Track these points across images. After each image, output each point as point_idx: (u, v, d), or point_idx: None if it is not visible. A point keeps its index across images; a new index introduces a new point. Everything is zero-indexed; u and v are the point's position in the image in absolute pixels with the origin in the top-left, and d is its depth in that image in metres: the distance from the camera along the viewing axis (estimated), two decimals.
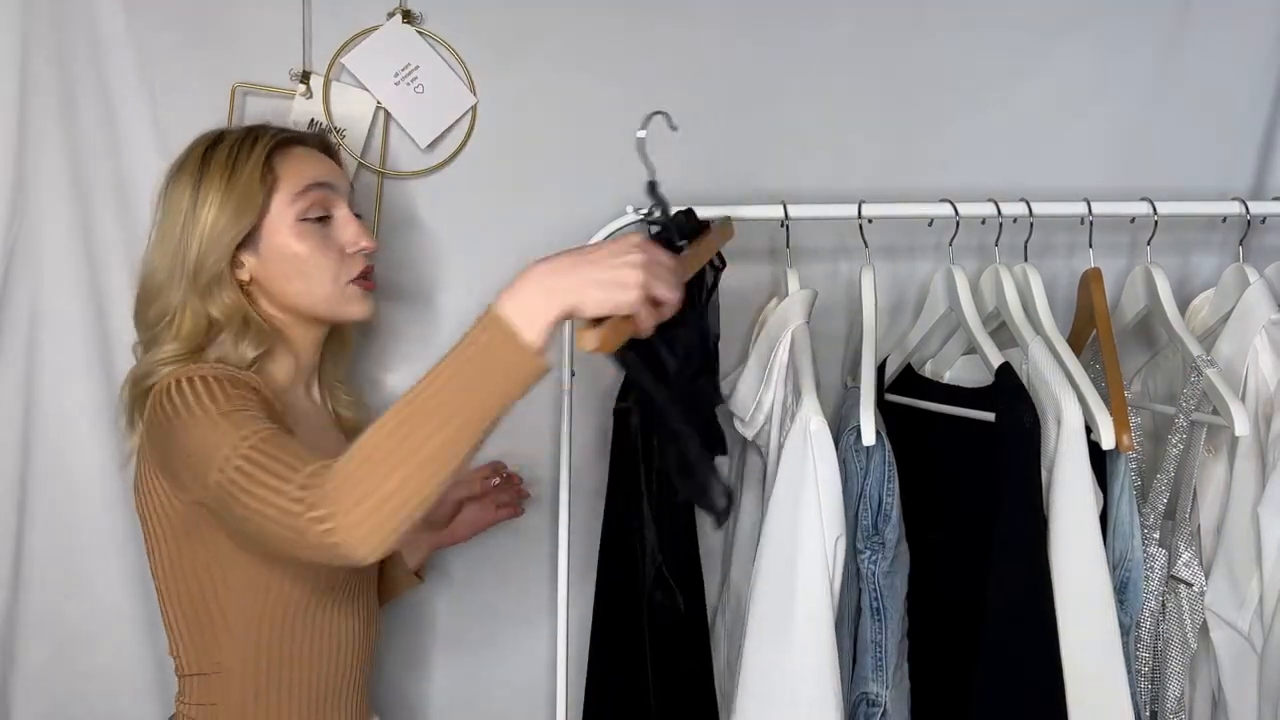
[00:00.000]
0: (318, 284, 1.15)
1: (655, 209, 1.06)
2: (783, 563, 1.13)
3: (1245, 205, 1.32)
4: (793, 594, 1.12)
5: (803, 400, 1.15)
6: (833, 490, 1.12)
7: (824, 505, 1.12)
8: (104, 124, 1.40)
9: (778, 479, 1.15)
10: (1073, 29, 1.51)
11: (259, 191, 1.12)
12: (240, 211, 1.12)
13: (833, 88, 1.50)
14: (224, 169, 1.13)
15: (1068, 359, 1.21)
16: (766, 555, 1.15)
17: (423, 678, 1.49)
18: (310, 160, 1.19)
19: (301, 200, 1.15)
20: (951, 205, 1.29)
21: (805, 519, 1.12)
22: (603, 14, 1.47)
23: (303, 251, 1.14)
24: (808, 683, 1.11)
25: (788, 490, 1.14)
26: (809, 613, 1.11)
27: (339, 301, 1.17)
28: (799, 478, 1.13)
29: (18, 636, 1.43)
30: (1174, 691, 1.27)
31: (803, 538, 1.12)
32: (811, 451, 1.12)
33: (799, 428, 1.13)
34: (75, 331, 1.41)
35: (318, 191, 1.16)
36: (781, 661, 1.12)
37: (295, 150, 1.18)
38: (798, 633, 1.11)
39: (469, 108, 1.46)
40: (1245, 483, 1.24)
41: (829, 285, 1.46)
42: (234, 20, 1.42)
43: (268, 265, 1.15)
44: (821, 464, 1.12)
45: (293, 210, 1.14)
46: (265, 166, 1.14)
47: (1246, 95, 1.52)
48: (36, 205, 1.40)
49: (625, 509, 1.22)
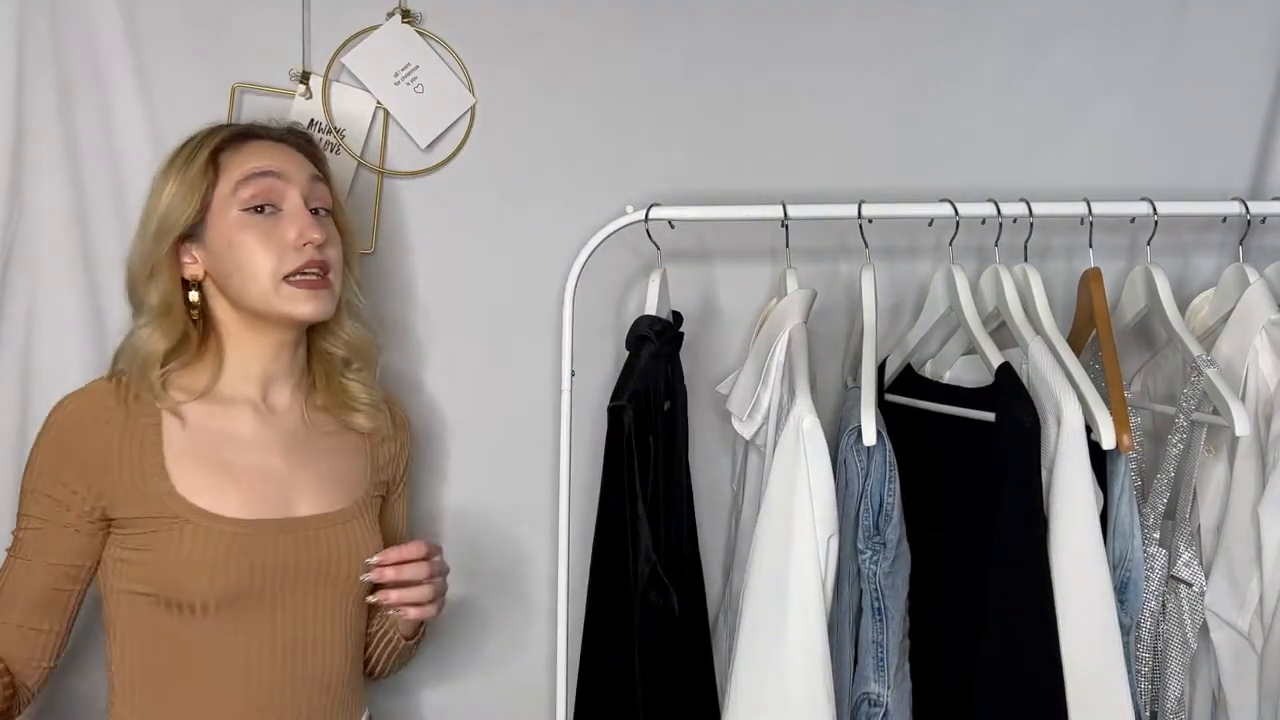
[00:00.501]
0: (252, 279, 1.11)
1: None
2: (775, 562, 1.13)
3: (1245, 205, 1.31)
4: (785, 593, 1.11)
5: (796, 399, 1.15)
6: (825, 489, 1.12)
7: (816, 504, 1.12)
8: (101, 123, 1.39)
9: (770, 478, 1.15)
10: (1073, 29, 1.51)
11: (201, 182, 1.12)
12: (184, 200, 1.12)
13: (833, 87, 1.50)
14: (181, 160, 1.14)
15: (1068, 359, 1.21)
16: (759, 554, 1.15)
17: (421, 679, 1.49)
18: (263, 151, 1.15)
19: (244, 189, 1.12)
20: (951, 205, 1.29)
21: (798, 518, 1.12)
22: (603, 14, 1.47)
23: (239, 243, 1.11)
24: (800, 682, 1.11)
25: (780, 489, 1.13)
26: (801, 612, 1.11)
27: (276, 299, 1.12)
28: (791, 476, 1.12)
29: None
30: (1174, 691, 1.27)
31: (795, 536, 1.12)
32: (804, 450, 1.12)
33: (792, 426, 1.13)
34: (72, 330, 1.40)
35: (261, 180, 1.12)
36: (774, 661, 1.12)
37: (251, 144, 1.16)
38: (790, 632, 1.11)
39: (468, 108, 1.46)
40: (1245, 483, 1.24)
41: (829, 285, 1.46)
42: (233, 20, 1.42)
43: (212, 259, 1.14)
44: (814, 463, 1.12)
45: (235, 200, 1.12)
46: (211, 157, 1.13)
47: (1246, 95, 1.52)
48: (33, 204, 1.39)
49: (619, 508, 1.22)
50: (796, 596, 1.11)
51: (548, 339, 1.45)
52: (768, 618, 1.13)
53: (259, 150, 1.16)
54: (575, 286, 1.25)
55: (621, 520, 1.19)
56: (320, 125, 1.43)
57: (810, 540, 1.11)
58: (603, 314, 1.40)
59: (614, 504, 1.22)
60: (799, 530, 1.12)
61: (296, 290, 1.12)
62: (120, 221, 1.40)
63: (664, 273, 1.34)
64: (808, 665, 1.11)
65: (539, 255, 1.47)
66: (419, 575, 1.13)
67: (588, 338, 1.38)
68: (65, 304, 1.40)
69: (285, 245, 1.12)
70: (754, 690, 1.13)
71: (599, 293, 1.41)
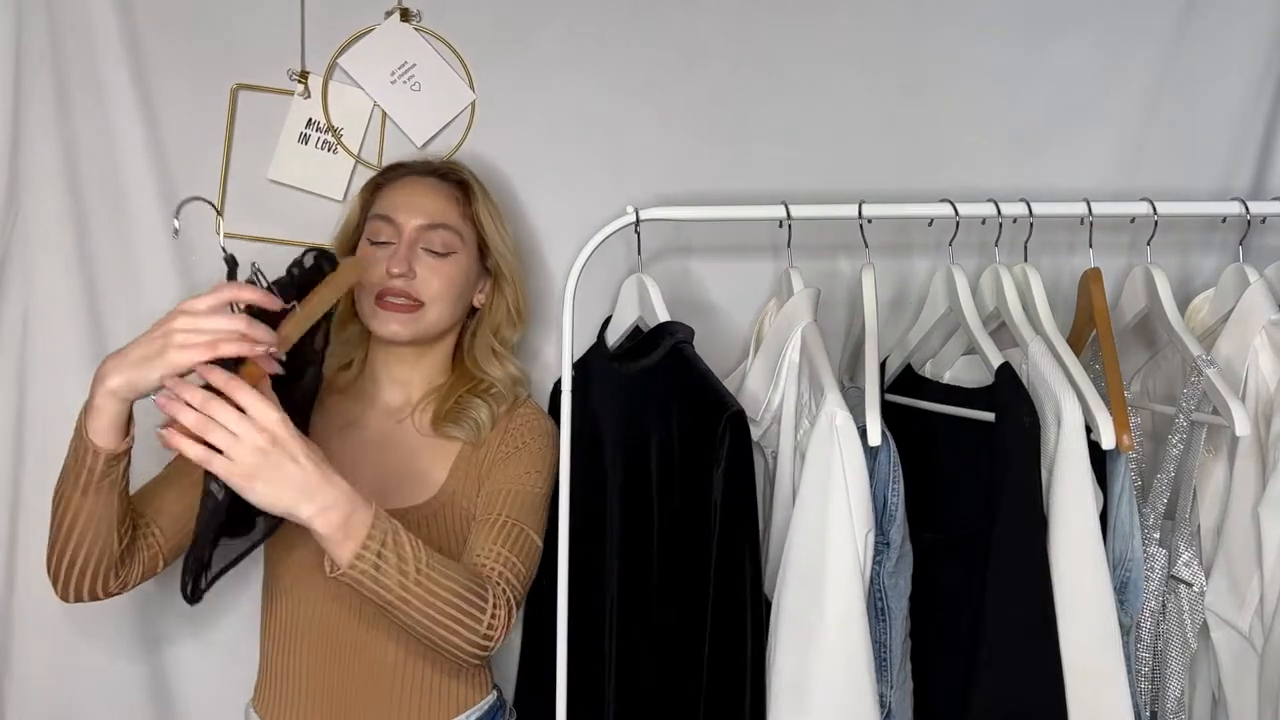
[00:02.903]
0: (365, 295, 1.26)
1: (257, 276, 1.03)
2: (812, 558, 1.11)
3: (1245, 205, 1.31)
4: (823, 589, 1.10)
5: (826, 395, 1.14)
6: (861, 484, 1.11)
7: (854, 500, 1.11)
8: (99, 124, 1.39)
9: (804, 478, 1.13)
10: (1073, 29, 1.51)
11: (358, 212, 1.32)
12: (346, 222, 1.33)
13: (834, 87, 1.50)
14: (360, 189, 1.36)
15: (1068, 359, 1.20)
16: (795, 551, 1.13)
17: None
18: (399, 190, 1.30)
19: (368, 226, 1.29)
20: (951, 205, 1.28)
21: (835, 515, 1.11)
22: (603, 10, 1.47)
23: (366, 265, 1.24)
24: (842, 678, 1.10)
25: (815, 487, 1.12)
26: (843, 610, 1.10)
27: (369, 314, 1.26)
28: (826, 473, 1.11)
29: (12, 640, 1.42)
30: (1174, 691, 1.27)
31: (832, 532, 1.10)
32: (839, 446, 1.11)
33: (824, 422, 1.12)
34: (69, 331, 1.40)
35: (375, 222, 1.28)
36: (814, 658, 1.10)
37: (396, 183, 1.31)
38: (830, 628, 1.10)
39: (467, 104, 1.46)
40: (1245, 483, 1.24)
41: (826, 282, 1.45)
42: (231, 20, 1.41)
43: None
44: (849, 458, 1.11)
45: (367, 231, 1.29)
46: (373, 189, 1.32)
47: (1246, 95, 1.52)
48: (30, 205, 1.39)
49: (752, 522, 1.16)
50: (835, 594, 1.10)
51: (548, 339, 1.45)
52: (807, 617, 1.11)
53: (396, 188, 1.30)
54: (575, 286, 1.24)
55: (753, 534, 1.15)
56: (319, 125, 1.43)
57: (849, 536, 1.10)
58: (602, 314, 1.40)
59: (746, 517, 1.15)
60: (836, 527, 1.10)
61: (381, 310, 1.25)
62: (117, 224, 1.39)
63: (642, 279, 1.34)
64: (851, 662, 1.10)
65: (538, 255, 1.47)
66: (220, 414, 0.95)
67: (588, 338, 1.37)
68: (62, 304, 1.40)
69: (382, 273, 1.25)
70: (795, 690, 1.11)
71: (599, 293, 1.41)
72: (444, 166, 1.34)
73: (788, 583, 1.13)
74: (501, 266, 1.33)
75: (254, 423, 0.94)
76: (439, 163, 1.35)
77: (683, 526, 1.19)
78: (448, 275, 1.27)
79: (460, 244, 1.28)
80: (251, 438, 0.94)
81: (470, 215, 1.30)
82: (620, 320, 1.37)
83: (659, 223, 1.27)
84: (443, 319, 1.28)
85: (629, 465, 1.27)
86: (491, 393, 1.30)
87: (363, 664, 1.20)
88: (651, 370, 1.25)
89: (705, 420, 1.14)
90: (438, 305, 1.26)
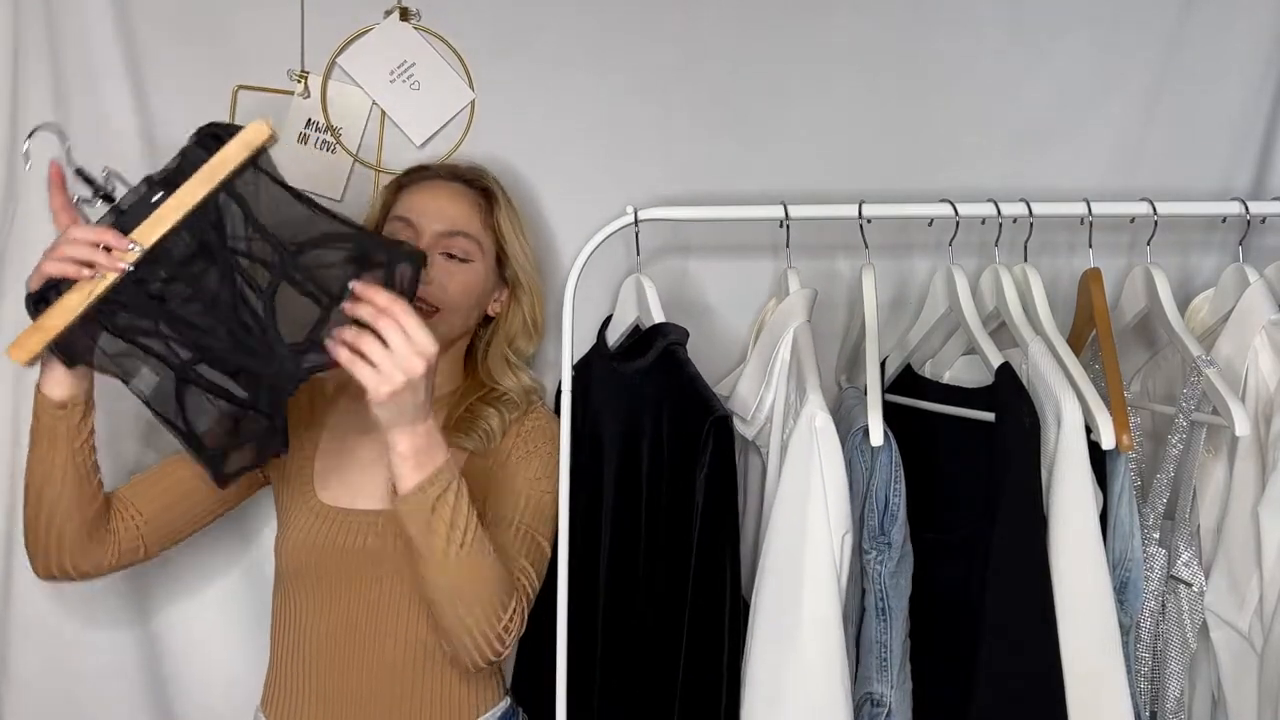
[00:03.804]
0: None
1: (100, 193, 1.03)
2: (789, 560, 1.12)
3: (1245, 205, 1.31)
4: (799, 592, 1.11)
5: (808, 397, 1.14)
6: (839, 486, 1.12)
7: (831, 502, 1.11)
8: (96, 123, 1.39)
9: (782, 476, 1.14)
10: (1073, 29, 1.51)
11: (379, 212, 1.32)
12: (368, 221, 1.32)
13: (833, 87, 1.50)
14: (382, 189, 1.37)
15: (1067, 359, 1.20)
16: (773, 553, 1.13)
17: None
18: (420, 192, 1.29)
19: (387, 226, 1.29)
20: (951, 205, 1.28)
21: (812, 516, 1.11)
22: (602, 10, 1.47)
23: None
24: (817, 681, 1.10)
25: (793, 487, 1.13)
26: (817, 610, 1.10)
27: None
28: (805, 474, 1.12)
29: (10, 643, 1.42)
30: (1174, 691, 1.27)
31: (810, 535, 1.11)
32: (818, 448, 1.11)
33: (804, 424, 1.13)
34: None
35: (395, 223, 1.27)
36: (789, 660, 1.11)
37: (417, 185, 1.30)
38: (806, 631, 1.10)
39: (467, 103, 1.46)
40: (1245, 483, 1.24)
41: (825, 282, 1.46)
42: (231, 20, 1.41)
43: None
44: (828, 460, 1.11)
45: (386, 232, 1.28)
46: (395, 190, 1.32)
47: (1246, 95, 1.52)
48: (28, 205, 1.39)
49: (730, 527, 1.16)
50: (811, 595, 1.10)
51: (548, 338, 1.45)
52: (782, 616, 1.12)
53: (418, 191, 1.30)
54: (575, 286, 1.24)
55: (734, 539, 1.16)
56: (318, 125, 1.43)
57: (825, 538, 1.11)
58: (603, 314, 1.40)
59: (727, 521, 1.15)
60: (814, 528, 1.11)
61: None
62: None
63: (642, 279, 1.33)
64: (825, 663, 1.10)
65: (538, 254, 1.46)
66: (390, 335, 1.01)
67: (588, 338, 1.37)
68: None
69: None
70: (770, 689, 1.12)
71: (599, 293, 1.41)
72: (469, 172, 1.33)
73: (765, 584, 1.14)
74: (520, 277, 1.33)
75: (414, 346, 0.99)
76: (465, 168, 1.34)
77: (668, 528, 1.19)
78: (464, 282, 1.27)
79: (479, 252, 1.28)
80: (410, 361, 0.99)
81: (491, 224, 1.30)
82: (620, 319, 1.37)
83: (658, 223, 1.27)
84: (456, 326, 1.28)
85: (623, 465, 1.27)
86: (504, 400, 1.30)
87: (374, 669, 1.19)
88: (645, 371, 1.26)
89: (691, 423, 1.15)
90: (452, 312, 1.26)
